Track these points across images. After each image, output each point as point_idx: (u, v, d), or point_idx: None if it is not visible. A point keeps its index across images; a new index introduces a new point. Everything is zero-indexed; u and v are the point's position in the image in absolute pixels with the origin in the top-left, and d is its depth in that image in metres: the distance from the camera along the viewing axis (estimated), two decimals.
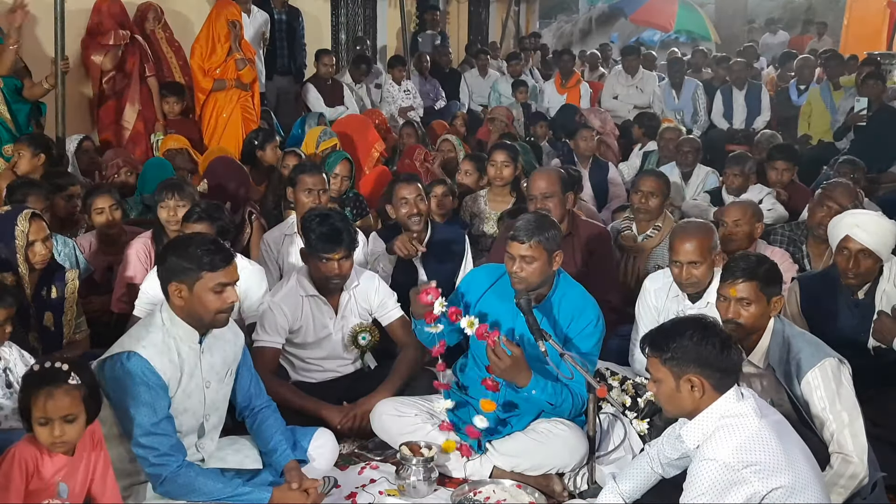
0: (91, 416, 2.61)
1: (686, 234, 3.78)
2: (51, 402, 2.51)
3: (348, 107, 8.66)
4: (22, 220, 3.71)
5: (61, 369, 2.54)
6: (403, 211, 4.60)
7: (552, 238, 3.45)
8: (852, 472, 2.96)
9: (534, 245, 3.39)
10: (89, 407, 2.59)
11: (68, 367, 2.55)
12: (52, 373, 2.54)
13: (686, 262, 3.76)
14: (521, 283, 3.43)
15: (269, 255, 4.77)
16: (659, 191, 4.91)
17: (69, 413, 2.53)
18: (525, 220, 3.50)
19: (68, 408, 2.53)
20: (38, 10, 5.90)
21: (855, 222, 3.82)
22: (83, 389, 2.56)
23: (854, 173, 5.90)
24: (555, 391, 3.42)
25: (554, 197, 4.46)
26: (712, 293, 3.70)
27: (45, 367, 2.56)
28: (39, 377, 2.55)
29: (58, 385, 2.52)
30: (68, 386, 2.53)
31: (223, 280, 2.98)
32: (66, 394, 2.52)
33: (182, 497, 2.95)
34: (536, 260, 3.41)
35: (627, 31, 21.54)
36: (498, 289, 3.60)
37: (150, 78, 6.79)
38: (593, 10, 22.19)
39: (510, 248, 3.44)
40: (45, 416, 2.52)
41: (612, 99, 10.10)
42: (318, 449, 3.38)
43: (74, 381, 2.54)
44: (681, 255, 3.77)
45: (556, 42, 20.07)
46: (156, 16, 7.05)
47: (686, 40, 19.58)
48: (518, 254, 3.41)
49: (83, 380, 2.57)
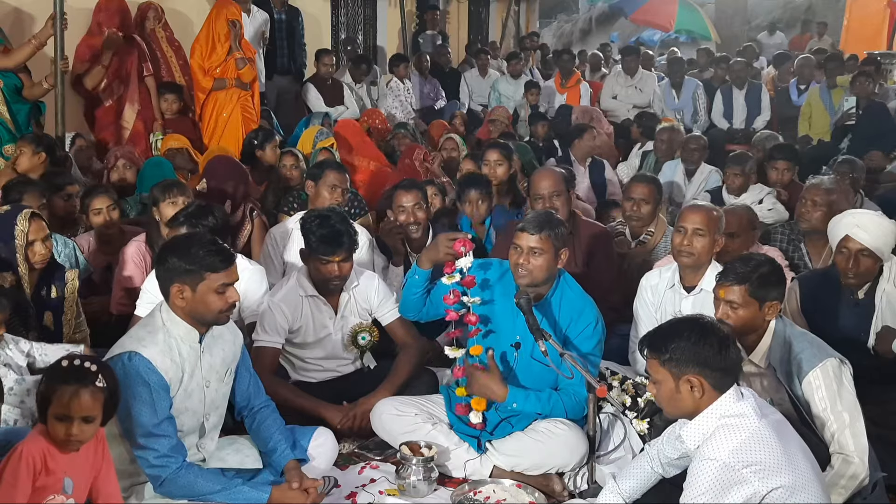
0: (106, 418, 2.63)
1: (697, 206, 3.99)
2: (76, 401, 2.52)
3: (348, 106, 8.66)
4: (22, 220, 3.71)
5: (90, 370, 2.55)
6: (402, 218, 4.61)
7: (560, 235, 3.47)
8: (853, 473, 2.96)
9: (543, 238, 3.40)
10: (107, 410, 2.61)
11: (97, 368, 2.57)
12: (82, 372, 2.55)
13: (692, 229, 3.78)
14: (526, 277, 3.43)
15: (275, 249, 4.77)
16: (650, 197, 4.81)
17: (90, 414, 2.54)
18: (535, 214, 3.55)
19: (90, 409, 2.54)
20: (38, 10, 5.91)
21: (855, 222, 3.82)
22: (106, 393, 2.57)
23: (853, 172, 5.90)
24: (539, 400, 3.45)
25: (561, 195, 4.51)
26: (707, 282, 3.72)
27: (74, 364, 2.57)
28: (67, 373, 2.55)
29: (85, 385, 2.53)
30: (94, 388, 2.54)
31: (225, 280, 2.98)
32: (91, 395, 2.54)
33: (182, 497, 2.95)
34: (544, 253, 3.41)
35: (627, 31, 21.56)
36: (502, 285, 3.60)
37: (149, 77, 6.79)
38: (593, 9, 22.21)
39: (519, 239, 3.44)
40: (65, 413, 2.52)
41: (611, 99, 10.10)
42: (317, 448, 3.38)
43: (101, 384, 2.56)
44: (688, 222, 3.81)
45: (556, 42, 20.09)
46: (156, 15, 7.05)
47: (686, 40, 19.58)
48: (527, 245, 3.41)
49: (107, 383, 2.58)
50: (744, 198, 5.78)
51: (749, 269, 3.15)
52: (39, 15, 5.94)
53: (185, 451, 3.02)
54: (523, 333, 3.49)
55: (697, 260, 3.81)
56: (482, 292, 3.56)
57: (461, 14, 14.17)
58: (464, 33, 14.21)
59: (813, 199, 4.69)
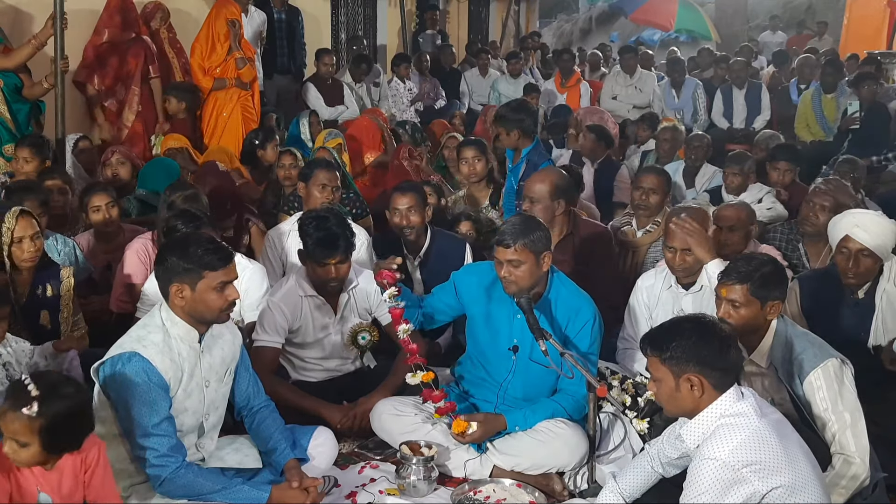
0: (51, 448, 2.46)
1: (681, 226, 3.78)
2: (2, 419, 2.44)
3: (348, 106, 8.66)
4: (9, 217, 3.67)
5: (29, 394, 2.40)
6: (395, 221, 4.61)
7: (538, 240, 3.42)
8: (854, 473, 2.96)
9: (519, 249, 3.38)
10: (48, 440, 2.43)
11: (38, 394, 2.40)
12: (20, 393, 2.42)
13: (680, 249, 3.78)
14: (512, 286, 3.44)
15: (274, 251, 4.77)
16: (660, 187, 4.92)
17: (17, 438, 2.42)
18: (510, 224, 3.50)
19: (16, 432, 2.41)
20: (38, 10, 5.90)
21: (855, 222, 3.81)
22: (40, 421, 2.40)
23: (854, 172, 5.90)
24: (535, 412, 3.49)
25: (539, 202, 4.42)
26: (705, 278, 3.72)
27: (22, 382, 2.45)
28: (11, 389, 2.48)
29: (14, 408, 2.41)
30: (20, 414, 2.39)
31: (224, 279, 2.98)
32: (17, 419, 2.40)
33: (182, 497, 2.95)
34: (523, 263, 3.39)
35: (627, 31, 21.56)
36: (493, 291, 3.61)
37: (154, 79, 6.78)
38: (593, 9, 22.23)
39: (497, 253, 3.43)
40: (3, 429, 2.44)
41: (611, 99, 10.10)
42: (317, 448, 3.38)
43: (30, 410, 2.39)
44: (676, 242, 3.80)
45: (556, 41, 20.08)
46: (163, 16, 7.03)
47: (686, 39, 19.58)
48: (504, 258, 3.40)
49: (47, 411, 2.40)
50: (743, 197, 5.77)
51: (751, 269, 3.15)
52: (39, 15, 5.94)
53: (185, 450, 3.01)
54: (520, 336, 3.50)
55: (690, 271, 3.83)
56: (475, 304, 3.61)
57: (461, 14, 14.17)
58: (464, 33, 14.21)
59: (822, 204, 4.63)
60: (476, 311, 3.65)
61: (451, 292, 3.73)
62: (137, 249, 4.38)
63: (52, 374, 2.61)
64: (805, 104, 9.28)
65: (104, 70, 6.58)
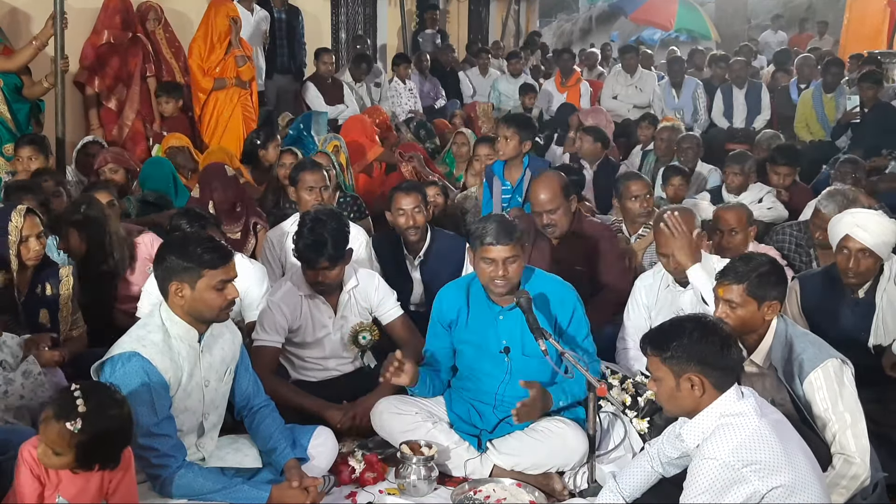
0: (84, 461, 2.52)
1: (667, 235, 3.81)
2: (43, 426, 2.50)
3: (348, 105, 8.66)
4: (16, 216, 3.68)
5: (76, 407, 2.46)
6: (400, 221, 4.60)
7: (524, 235, 3.60)
8: (854, 473, 2.95)
9: (514, 245, 3.44)
10: (82, 456, 2.50)
11: (86, 411, 2.46)
12: (65, 402, 2.49)
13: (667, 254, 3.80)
14: (506, 286, 3.45)
15: (273, 252, 4.76)
16: (644, 193, 4.98)
17: (54, 447, 2.48)
18: (497, 224, 3.47)
19: (54, 442, 2.47)
20: (38, 10, 5.90)
21: (855, 221, 3.80)
22: (80, 437, 2.46)
23: (855, 172, 5.88)
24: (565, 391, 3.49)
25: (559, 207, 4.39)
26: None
27: (70, 392, 2.50)
28: (58, 398, 2.54)
29: (58, 418, 2.47)
30: (62, 426, 2.45)
31: (223, 277, 2.98)
32: (57, 429, 2.46)
33: (182, 497, 2.95)
34: (518, 258, 3.46)
35: (628, 30, 21.55)
36: (472, 297, 3.62)
37: (151, 78, 6.78)
38: (593, 8, 22.23)
39: (490, 253, 3.42)
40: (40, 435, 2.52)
41: (611, 99, 10.10)
42: (317, 447, 3.38)
43: (73, 426, 2.45)
44: (661, 247, 3.84)
45: (556, 41, 20.08)
46: (156, 16, 7.03)
47: (686, 39, 19.57)
48: (501, 256, 3.42)
49: (89, 429, 2.46)
50: (743, 196, 5.77)
51: (748, 269, 3.15)
52: (39, 15, 5.93)
53: (185, 450, 3.02)
54: (508, 336, 3.51)
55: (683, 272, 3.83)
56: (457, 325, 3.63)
57: (461, 13, 14.18)
58: (464, 32, 14.22)
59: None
60: (460, 332, 3.64)
61: (441, 332, 3.70)
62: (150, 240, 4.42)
63: (103, 391, 2.62)
64: (805, 104, 9.27)
65: (104, 70, 6.58)
